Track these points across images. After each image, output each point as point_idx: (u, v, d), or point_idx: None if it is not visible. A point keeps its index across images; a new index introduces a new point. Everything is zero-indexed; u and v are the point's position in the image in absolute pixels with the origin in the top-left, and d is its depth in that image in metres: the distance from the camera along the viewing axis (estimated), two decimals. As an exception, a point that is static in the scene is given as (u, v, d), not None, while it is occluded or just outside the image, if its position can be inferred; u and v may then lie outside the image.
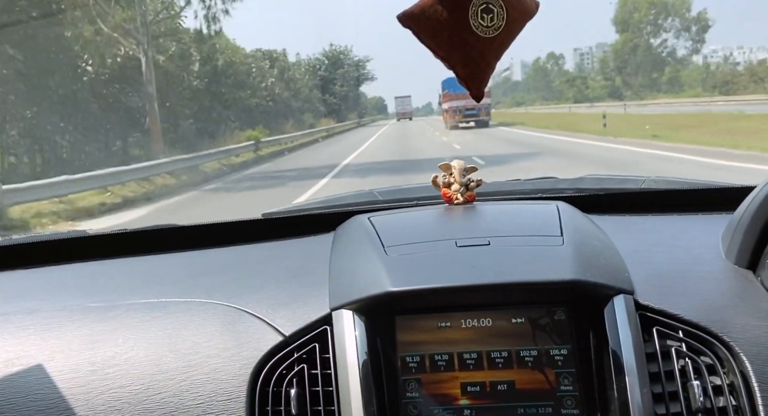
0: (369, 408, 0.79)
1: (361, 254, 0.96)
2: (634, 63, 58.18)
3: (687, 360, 0.81)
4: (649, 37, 57.70)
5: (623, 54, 58.61)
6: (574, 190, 1.31)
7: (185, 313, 0.92)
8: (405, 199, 1.33)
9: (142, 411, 0.82)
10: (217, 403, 0.82)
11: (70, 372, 0.86)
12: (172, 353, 0.87)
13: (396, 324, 0.86)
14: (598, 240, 0.97)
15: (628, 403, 0.77)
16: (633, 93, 66.38)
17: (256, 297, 0.93)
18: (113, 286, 1.04)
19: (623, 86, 61.39)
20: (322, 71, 56.24)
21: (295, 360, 0.84)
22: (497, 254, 0.91)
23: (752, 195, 0.92)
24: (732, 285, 0.92)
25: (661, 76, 60.02)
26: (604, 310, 0.83)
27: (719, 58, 74.63)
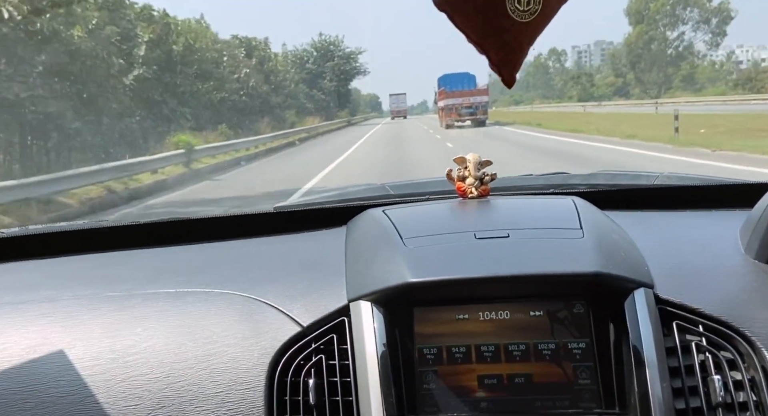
0: (388, 398, 0.79)
1: (379, 245, 0.96)
2: (649, 57, 53.45)
3: (707, 354, 0.81)
4: (665, 30, 52.93)
5: (637, 47, 53.87)
6: (588, 186, 1.30)
7: (203, 303, 0.93)
8: (418, 194, 1.32)
9: (161, 399, 0.83)
10: (235, 392, 0.83)
11: (91, 360, 0.87)
12: (190, 342, 0.87)
13: (414, 316, 0.86)
14: (617, 234, 0.97)
15: (648, 397, 0.77)
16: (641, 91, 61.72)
17: (273, 288, 0.94)
18: (131, 276, 1.05)
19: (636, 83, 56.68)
20: (310, 64, 51.04)
21: (312, 351, 0.84)
22: (517, 246, 0.91)
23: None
24: (752, 280, 0.92)
25: (677, 71, 55.28)
26: (625, 304, 0.83)
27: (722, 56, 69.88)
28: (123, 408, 0.83)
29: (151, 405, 0.83)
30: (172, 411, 0.82)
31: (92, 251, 1.17)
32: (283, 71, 35.85)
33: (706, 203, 1.19)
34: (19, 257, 1.16)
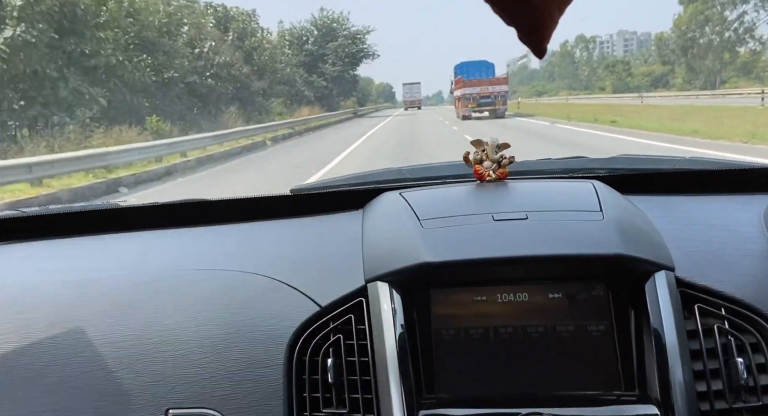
0: (405, 378, 0.79)
1: (396, 227, 0.95)
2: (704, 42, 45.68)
3: (729, 337, 0.80)
4: (723, 9, 45.08)
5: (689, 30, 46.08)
6: (607, 170, 1.26)
7: (222, 283, 0.94)
8: (434, 177, 1.30)
9: (182, 377, 0.84)
10: (255, 370, 0.84)
11: (114, 337, 0.88)
12: (210, 321, 0.88)
13: (431, 297, 0.85)
14: (638, 217, 0.95)
15: (669, 380, 0.76)
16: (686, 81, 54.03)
17: (290, 269, 0.94)
18: (151, 257, 1.06)
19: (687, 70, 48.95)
20: (310, 44, 43.85)
21: (331, 331, 0.85)
22: (536, 228, 0.89)
23: None
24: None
25: (735, 58, 47.40)
26: (645, 286, 0.82)
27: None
28: (144, 384, 0.85)
29: (172, 381, 0.84)
30: (193, 388, 0.84)
31: (112, 231, 1.17)
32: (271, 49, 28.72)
33: (729, 187, 1.17)
34: (39, 236, 1.18)
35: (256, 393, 0.82)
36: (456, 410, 0.79)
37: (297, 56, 40.34)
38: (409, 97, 57.26)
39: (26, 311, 0.92)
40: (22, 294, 0.95)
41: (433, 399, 0.80)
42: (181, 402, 0.83)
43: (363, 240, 0.98)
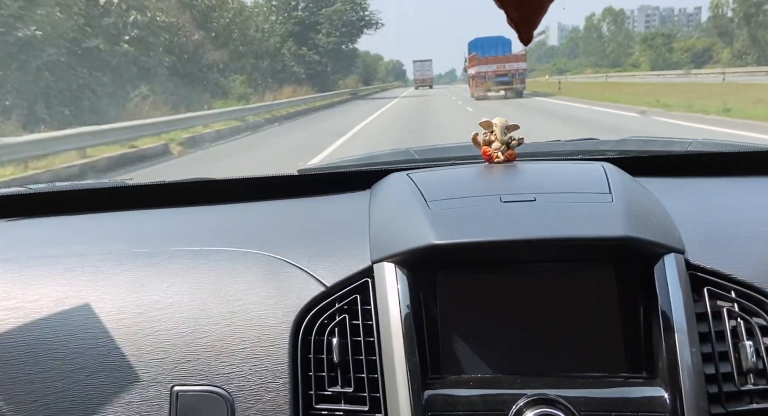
0: (411, 358, 0.81)
1: (403, 208, 0.97)
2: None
3: (739, 320, 0.82)
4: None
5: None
6: (618, 152, 1.27)
7: (227, 262, 0.95)
8: (443, 158, 1.33)
9: (187, 354, 0.86)
10: (260, 348, 0.86)
11: (118, 314, 0.91)
12: (215, 299, 0.90)
13: (437, 278, 0.87)
14: (648, 199, 0.97)
15: (677, 362, 0.78)
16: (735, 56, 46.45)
17: (296, 249, 0.96)
18: (156, 234, 1.09)
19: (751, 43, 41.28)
20: (300, 10, 36.76)
21: (336, 311, 0.87)
22: (544, 209, 0.90)
23: None
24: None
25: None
26: (654, 269, 0.83)
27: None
28: (149, 361, 0.87)
29: (177, 358, 0.87)
30: (198, 366, 0.86)
31: (118, 209, 1.21)
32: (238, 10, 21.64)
33: (742, 169, 1.18)
34: (46, 213, 1.21)
35: (262, 371, 0.85)
36: (461, 390, 0.81)
37: (284, 25, 33.16)
38: (420, 75, 54.70)
39: (31, 287, 0.95)
40: (27, 270, 0.99)
41: (438, 379, 0.83)
42: (186, 380, 0.85)
43: (370, 221, 1.00)
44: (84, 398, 0.86)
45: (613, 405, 0.78)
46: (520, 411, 0.78)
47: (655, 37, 64.20)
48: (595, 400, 0.78)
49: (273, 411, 0.83)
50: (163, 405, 0.85)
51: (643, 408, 0.78)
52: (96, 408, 0.86)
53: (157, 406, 0.85)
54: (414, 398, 0.79)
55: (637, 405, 0.78)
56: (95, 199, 1.25)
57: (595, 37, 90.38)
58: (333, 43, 35.89)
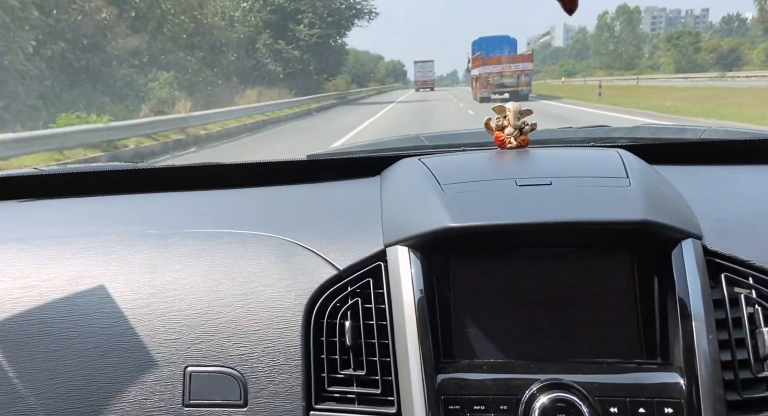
0: (424, 342, 0.82)
1: (416, 192, 0.99)
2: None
3: (756, 307, 0.83)
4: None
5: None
6: (631, 139, 1.31)
7: (240, 244, 0.98)
8: (453, 144, 1.35)
9: (200, 335, 0.89)
10: (273, 330, 0.88)
11: (131, 294, 0.94)
12: (228, 281, 0.93)
13: (451, 262, 0.89)
14: (665, 185, 0.99)
15: (693, 349, 0.79)
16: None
17: (309, 232, 0.98)
18: (169, 216, 1.12)
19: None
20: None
21: (349, 294, 0.89)
22: (561, 193, 0.91)
23: None
24: None
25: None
26: (672, 254, 0.84)
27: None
28: (163, 341, 0.90)
29: (191, 339, 0.89)
30: (211, 346, 0.89)
31: (129, 192, 1.24)
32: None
33: (757, 157, 1.19)
34: (59, 195, 1.25)
35: (274, 353, 0.87)
36: (474, 375, 0.83)
37: (259, 13, 27.28)
38: (421, 77, 53.23)
39: (45, 266, 0.98)
40: (40, 249, 1.01)
41: (451, 363, 0.85)
42: (200, 360, 0.87)
43: (382, 205, 1.02)
44: (98, 377, 0.89)
45: (628, 391, 0.79)
46: (534, 396, 0.79)
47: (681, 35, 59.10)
48: (610, 386, 0.79)
49: (285, 392, 0.86)
50: (176, 385, 0.87)
51: (659, 394, 0.79)
52: (110, 387, 0.88)
53: (171, 386, 0.87)
54: (427, 381, 0.81)
55: (652, 391, 0.79)
56: (106, 181, 1.30)
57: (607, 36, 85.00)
58: (317, 37, 30.50)
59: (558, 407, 0.76)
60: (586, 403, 0.76)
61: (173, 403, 0.87)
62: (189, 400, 0.86)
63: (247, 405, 0.85)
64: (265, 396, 0.85)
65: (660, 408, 0.77)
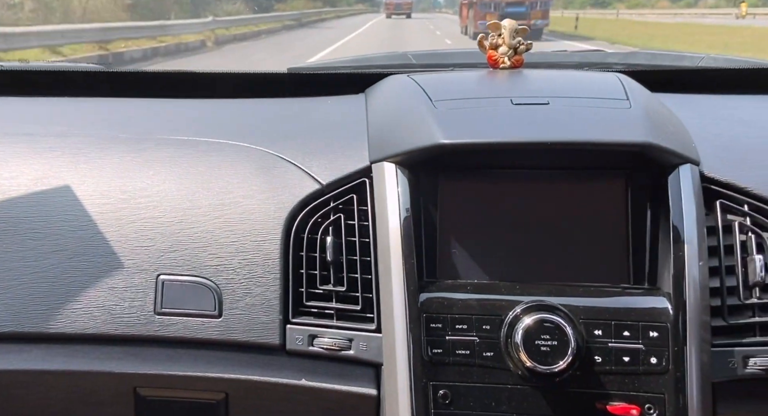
0: (408, 260, 0.99)
1: (406, 107, 1.15)
2: None
3: (750, 234, 1.02)
4: None
5: None
6: (627, 65, 1.55)
7: (218, 153, 1.15)
8: (443, 64, 1.59)
9: (174, 243, 1.07)
10: (251, 243, 1.05)
11: (101, 198, 1.11)
12: (205, 190, 1.10)
13: (439, 182, 1.06)
14: (664, 109, 1.17)
15: (683, 274, 0.96)
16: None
17: (291, 145, 1.15)
18: (142, 122, 1.28)
19: None
20: None
21: (331, 209, 1.07)
22: (558, 113, 1.07)
23: None
24: None
25: None
26: (669, 179, 1.01)
27: None
28: (135, 248, 1.07)
29: (164, 248, 1.07)
30: (185, 256, 1.06)
31: (102, 95, 1.41)
32: None
33: (757, 87, 1.40)
34: (21, 92, 1.40)
35: (252, 265, 1.05)
36: (458, 294, 1.00)
37: None
38: None
39: (8, 164, 1.14)
40: (3, 146, 1.17)
41: (435, 283, 1.02)
42: (173, 269, 1.05)
43: (368, 120, 1.18)
44: (64, 280, 1.05)
45: (614, 314, 0.97)
46: (518, 317, 0.95)
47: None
48: (596, 308, 0.97)
49: (262, 305, 1.03)
50: (148, 293, 1.04)
51: (645, 317, 0.97)
52: (77, 292, 1.05)
53: (142, 293, 1.04)
54: (409, 299, 0.98)
55: (639, 315, 0.97)
56: (77, 82, 1.47)
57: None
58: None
59: (542, 327, 0.93)
60: (571, 325, 0.94)
61: (144, 310, 1.04)
62: (161, 308, 1.04)
63: (221, 315, 1.04)
64: (241, 307, 1.03)
65: (645, 331, 0.96)
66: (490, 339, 0.98)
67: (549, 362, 0.93)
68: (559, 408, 0.97)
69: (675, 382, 0.95)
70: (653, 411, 0.96)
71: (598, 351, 0.96)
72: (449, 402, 0.98)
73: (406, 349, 0.98)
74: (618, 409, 0.96)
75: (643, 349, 0.96)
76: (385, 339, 1.01)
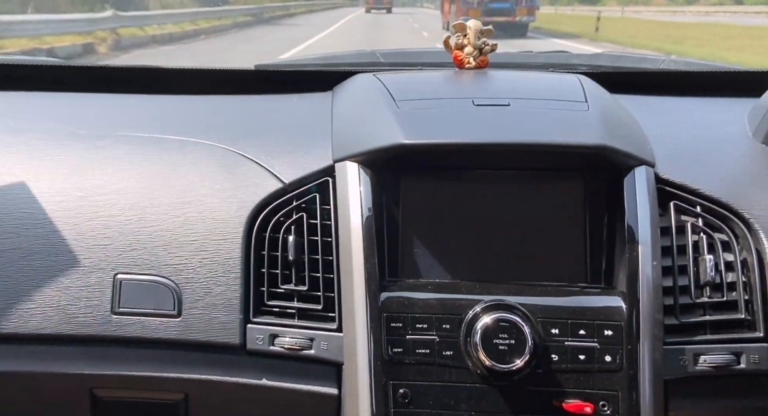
0: (370, 260, 1.04)
1: (369, 107, 1.21)
2: None
3: (702, 235, 1.09)
4: None
5: None
6: (590, 67, 1.65)
7: (179, 151, 1.18)
8: (410, 63, 1.69)
9: (132, 242, 1.09)
10: (212, 242, 1.09)
11: (58, 195, 1.13)
12: (165, 188, 1.13)
13: (401, 181, 1.11)
14: (622, 111, 1.25)
15: (637, 274, 1.03)
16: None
17: (254, 143, 1.19)
18: (102, 118, 1.32)
19: None
20: None
21: (294, 208, 1.11)
22: (518, 115, 1.14)
23: None
24: (758, 163, 1.19)
25: None
26: (624, 180, 1.08)
27: None
28: (91, 246, 1.09)
29: (122, 246, 1.09)
30: (144, 255, 1.09)
31: (57, 90, 1.44)
32: None
33: (714, 89, 1.47)
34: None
35: (212, 265, 1.07)
36: (419, 294, 1.05)
37: None
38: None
39: None
40: None
41: (396, 282, 1.08)
42: (131, 268, 1.07)
43: (333, 119, 1.23)
44: (18, 279, 1.07)
45: (571, 313, 1.03)
46: (477, 316, 1.01)
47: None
48: (553, 307, 1.03)
49: (222, 304, 1.06)
50: (105, 292, 1.07)
51: (600, 317, 1.03)
52: (31, 291, 1.06)
53: (99, 293, 1.07)
54: (370, 299, 1.03)
55: (594, 314, 1.03)
56: (33, 76, 1.49)
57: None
58: None
59: (500, 327, 1.00)
60: (528, 324, 1.00)
61: (101, 310, 1.07)
62: (118, 308, 1.07)
63: (181, 315, 1.07)
64: (201, 307, 1.07)
65: (600, 330, 1.03)
66: (449, 338, 1.03)
67: (507, 361, 0.99)
68: (517, 407, 1.02)
69: (628, 380, 1.01)
70: (607, 408, 1.02)
71: (554, 349, 1.02)
72: (409, 401, 1.03)
73: (367, 348, 1.02)
74: (573, 407, 1.01)
75: (598, 348, 1.02)
76: (346, 339, 1.05)
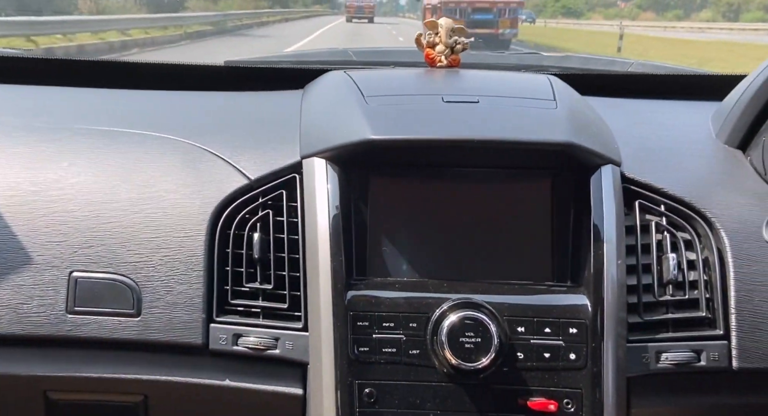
0: (336, 258, 1.05)
1: (338, 103, 1.24)
2: None
3: (665, 234, 1.14)
4: None
5: None
6: (561, 69, 1.67)
7: (140, 145, 1.18)
8: (382, 61, 1.72)
9: (89, 239, 1.09)
10: (173, 239, 1.09)
11: (9, 190, 1.13)
12: (124, 183, 1.13)
13: (370, 179, 1.13)
14: (590, 111, 1.30)
15: (602, 273, 1.06)
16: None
17: (219, 139, 1.20)
18: (60, 110, 1.32)
19: None
20: None
21: (259, 205, 1.13)
22: (487, 111, 1.18)
23: (751, 77, 1.28)
24: (720, 163, 1.26)
25: None
26: (591, 179, 1.11)
27: None
28: (45, 243, 1.09)
29: (78, 243, 1.09)
30: (102, 252, 1.08)
31: (17, 82, 1.43)
32: None
33: (680, 92, 1.57)
34: None
35: (173, 262, 1.08)
36: (386, 292, 1.07)
37: None
38: (356, 1, 50.22)
39: None
40: None
41: (363, 281, 1.10)
42: (88, 266, 1.07)
43: (301, 116, 1.25)
44: None
45: (536, 311, 1.06)
46: (444, 314, 1.03)
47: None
48: (519, 306, 1.07)
49: (184, 303, 1.06)
50: (59, 291, 1.06)
51: (565, 315, 1.06)
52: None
53: (53, 291, 1.06)
54: (336, 297, 1.04)
55: (560, 312, 1.06)
56: None
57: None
58: None
59: (466, 325, 1.02)
60: (495, 322, 1.03)
61: (55, 309, 1.06)
62: (74, 307, 1.07)
63: (140, 314, 1.07)
64: (162, 306, 1.07)
65: (565, 328, 1.06)
66: (416, 337, 1.05)
67: (473, 359, 1.01)
68: (483, 405, 1.04)
69: (592, 377, 1.05)
70: (571, 406, 1.05)
71: (520, 347, 1.05)
72: (374, 401, 1.05)
73: (332, 348, 1.04)
74: (538, 405, 1.04)
75: (563, 345, 1.05)
76: (312, 338, 1.07)
